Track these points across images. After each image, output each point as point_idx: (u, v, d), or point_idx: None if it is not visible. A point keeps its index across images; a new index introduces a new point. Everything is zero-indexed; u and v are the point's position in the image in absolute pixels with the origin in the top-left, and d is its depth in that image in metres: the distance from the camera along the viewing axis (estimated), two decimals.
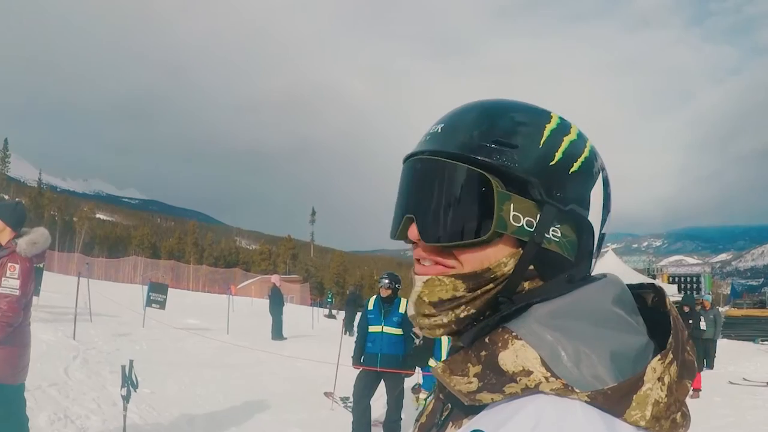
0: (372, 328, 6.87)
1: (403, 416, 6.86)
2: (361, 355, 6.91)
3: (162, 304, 17.22)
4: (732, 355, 17.55)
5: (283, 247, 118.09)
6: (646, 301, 0.83)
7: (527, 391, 0.69)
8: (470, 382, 0.73)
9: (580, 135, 0.82)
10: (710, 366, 14.79)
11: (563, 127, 0.81)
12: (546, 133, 0.79)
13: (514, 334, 0.72)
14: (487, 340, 0.74)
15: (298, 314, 28.20)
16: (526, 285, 0.79)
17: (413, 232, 0.80)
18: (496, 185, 0.75)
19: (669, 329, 0.75)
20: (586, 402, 0.66)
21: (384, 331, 6.79)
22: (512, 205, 0.75)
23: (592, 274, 0.84)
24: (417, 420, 0.93)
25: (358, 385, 6.87)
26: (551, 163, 0.77)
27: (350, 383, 7.15)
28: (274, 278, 20.58)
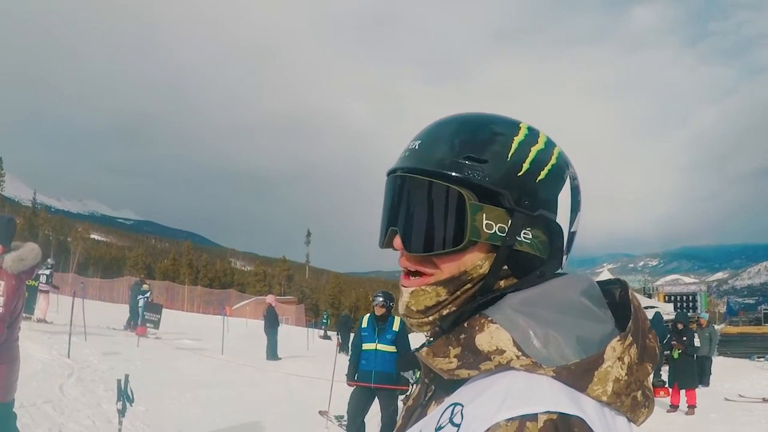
0: (366, 346, 6.89)
1: None
2: (355, 372, 6.92)
3: (156, 324, 17.20)
4: (728, 372, 17.53)
5: (278, 268, 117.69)
6: (615, 296, 0.90)
7: (500, 367, 0.78)
8: (450, 362, 0.82)
9: (547, 144, 0.90)
10: (706, 383, 14.77)
11: (531, 137, 0.88)
12: (514, 145, 0.86)
13: (489, 318, 0.81)
14: (465, 325, 0.83)
15: (293, 335, 28.11)
16: (502, 283, 0.87)
17: (398, 242, 0.89)
18: (469, 198, 0.83)
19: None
20: (552, 377, 0.75)
21: (378, 348, 6.81)
22: (484, 214, 0.84)
23: (566, 271, 0.91)
24: (404, 403, 1.02)
25: (352, 403, 6.87)
26: (519, 174, 0.85)
27: (345, 402, 7.15)
28: (269, 298, 20.55)
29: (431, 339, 0.89)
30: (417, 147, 0.89)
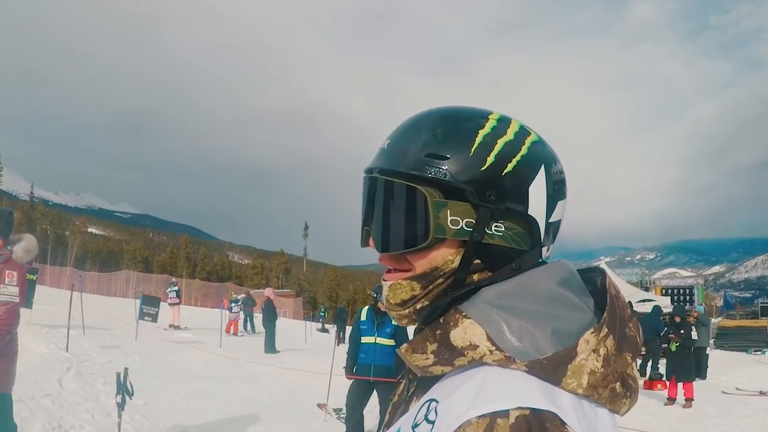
0: (365, 339, 6.88)
1: None
2: (353, 365, 6.91)
3: (154, 317, 17.18)
4: (725, 365, 17.58)
5: (275, 261, 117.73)
6: (596, 283, 0.89)
7: (473, 363, 0.78)
8: (427, 358, 0.82)
9: (518, 134, 0.87)
10: (703, 377, 14.81)
11: (499, 129, 0.86)
12: (478, 139, 0.85)
13: (463, 313, 0.81)
14: (441, 320, 0.83)
15: (291, 328, 28.13)
16: (475, 277, 0.87)
17: (372, 243, 0.90)
18: (431, 196, 0.83)
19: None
20: (525, 371, 0.74)
21: (377, 342, 6.80)
22: (448, 211, 0.83)
23: (548, 260, 0.90)
24: (390, 399, 1.03)
25: (350, 396, 6.87)
26: (482, 169, 0.83)
27: (343, 395, 7.15)
28: (268, 291, 20.54)
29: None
30: (386, 146, 0.89)
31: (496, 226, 0.84)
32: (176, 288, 22.60)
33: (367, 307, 7.14)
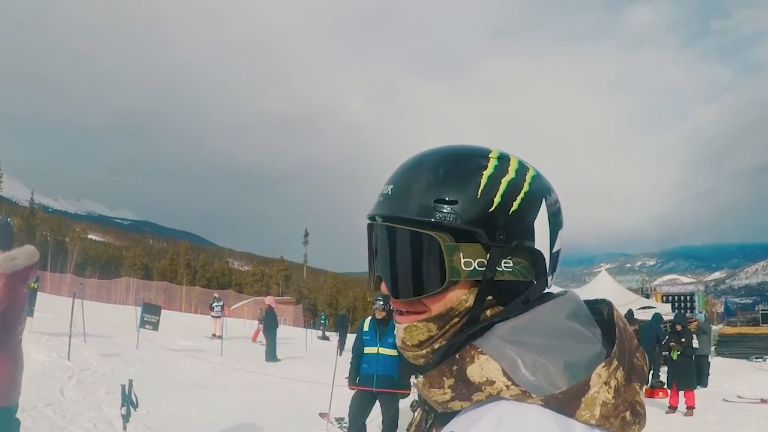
0: (367, 350, 6.90)
1: None
2: (356, 375, 6.93)
3: (155, 326, 17.15)
4: (726, 372, 17.54)
5: (275, 268, 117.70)
6: (603, 314, 0.93)
7: (491, 398, 0.81)
8: (445, 393, 0.85)
9: (518, 171, 0.91)
10: (704, 384, 14.79)
11: (501, 168, 0.90)
12: (483, 180, 0.88)
13: (479, 350, 0.84)
14: (457, 356, 0.86)
15: (292, 336, 28.12)
16: (488, 312, 0.90)
17: (384, 288, 0.92)
18: (443, 240, 0.86)
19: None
20: (541, 405, 0.78)
21: (380, 352, 6.82)
22: (461, 253, 0.86)
23: (553, 291, 0.94)
24: (407, 430, 1.05)
25: (353, 406, 6.88)
26: (491, 210, 0.86)
27: (345, 404, 7.16)
28: (269, 299, 20.54)
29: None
30: (390, 192, 0.91)
31: (505, 263, 0.87)
32: (221, 303, 24.97)
33: (369, 317, 7.16)
